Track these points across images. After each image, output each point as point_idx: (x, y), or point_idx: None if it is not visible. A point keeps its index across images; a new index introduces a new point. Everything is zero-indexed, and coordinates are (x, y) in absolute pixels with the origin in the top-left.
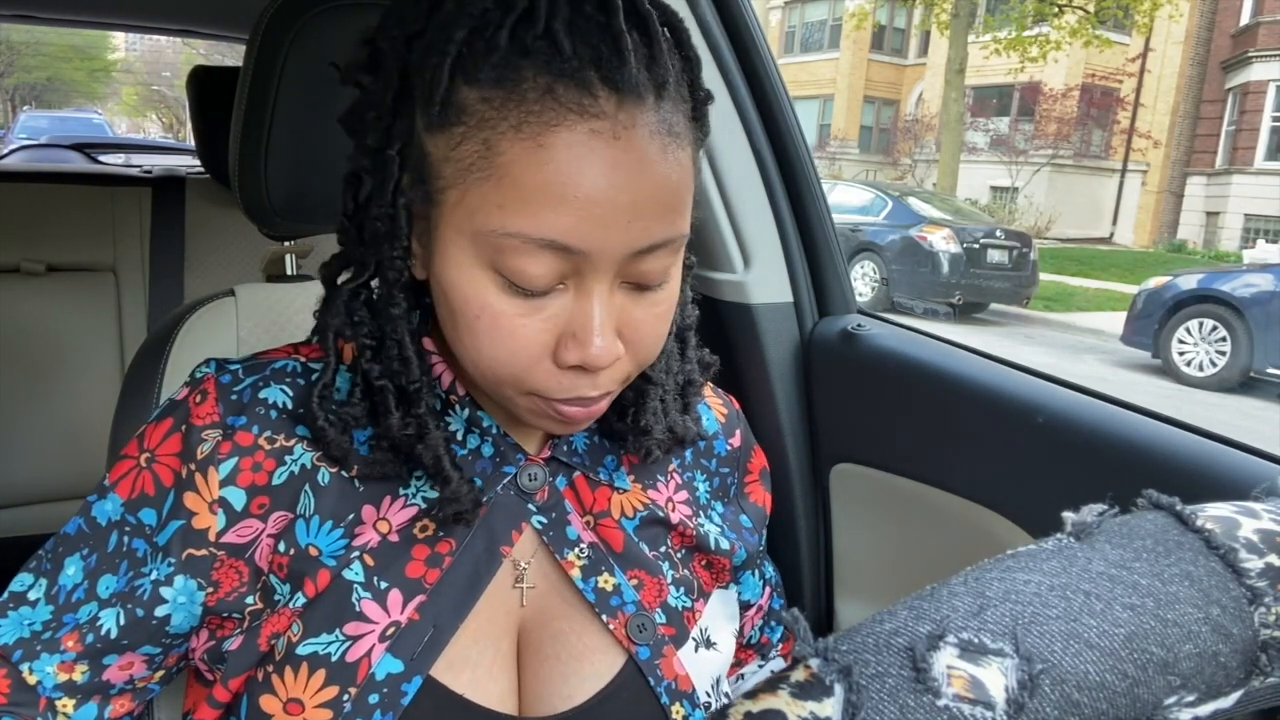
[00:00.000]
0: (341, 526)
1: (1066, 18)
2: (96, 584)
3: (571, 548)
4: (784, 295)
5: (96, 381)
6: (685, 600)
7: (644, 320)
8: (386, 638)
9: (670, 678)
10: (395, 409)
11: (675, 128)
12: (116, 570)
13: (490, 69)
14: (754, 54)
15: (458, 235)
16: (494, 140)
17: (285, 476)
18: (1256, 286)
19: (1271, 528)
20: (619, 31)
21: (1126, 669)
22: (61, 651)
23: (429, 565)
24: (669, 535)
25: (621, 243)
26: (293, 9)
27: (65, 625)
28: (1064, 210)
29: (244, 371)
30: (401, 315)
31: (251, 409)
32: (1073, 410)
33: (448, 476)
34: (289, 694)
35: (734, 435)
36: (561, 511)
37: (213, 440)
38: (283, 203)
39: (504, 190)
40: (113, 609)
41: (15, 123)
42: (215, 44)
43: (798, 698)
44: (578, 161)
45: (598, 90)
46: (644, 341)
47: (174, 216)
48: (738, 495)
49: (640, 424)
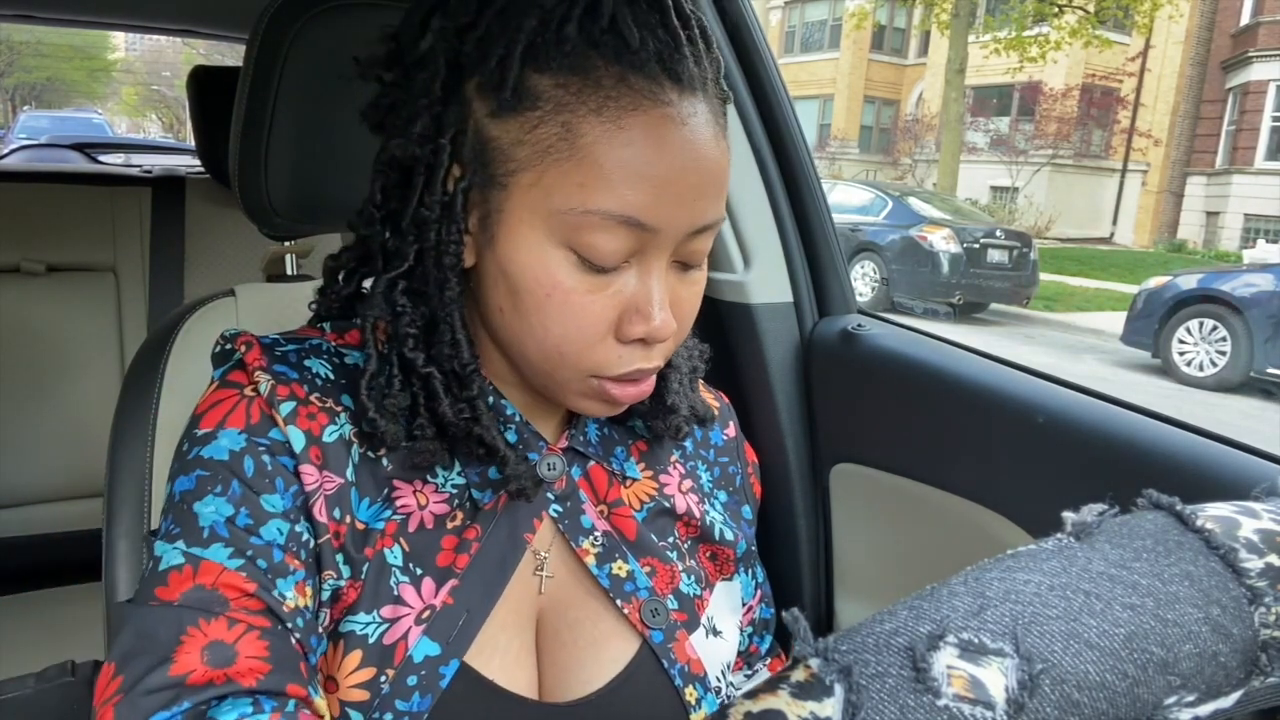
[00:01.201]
0: (379, 502)
1: (1066, 18)
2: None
3: (586, 535)
4: (784, 295)
5: (96, 381)
6: (695, 588)
7: (686, 298)
8: (423, 620)
9: (684, 661)
10: (445, 394)
11: (719, 118)
12: (274, 489)
13: (563, 57)
14: (754, 54)
15: (531, 215)
16: (574, 123)
17: (335, 437)
18: (1256, 286)
19: (1271, 528)
20: (675, 29)
21: (1126, 669)
22: (292, 572)
23: (458, 551)
24: (675, 525)
25: (686, 220)
26: (293, 9)
27: (272, 547)
28: (1064, 210)
29: (285, 339)
30: (455, 299)
31: (301, 369)
32: (1073, 410)
33: (505, 456)
34: (326, 671)
35: (728, 426)
36: (577, 501)
37: (267, 382)
38: (283, 203)
39: (585, 169)
40: (291, 523)
41: (15, 123)
42: (215, 44)
43: (798, 697)
44: (655, 143)
45: (663, 80)
46: (685, 318)
47: (174, 216)
48: (744, 485)
49: (668, 403)
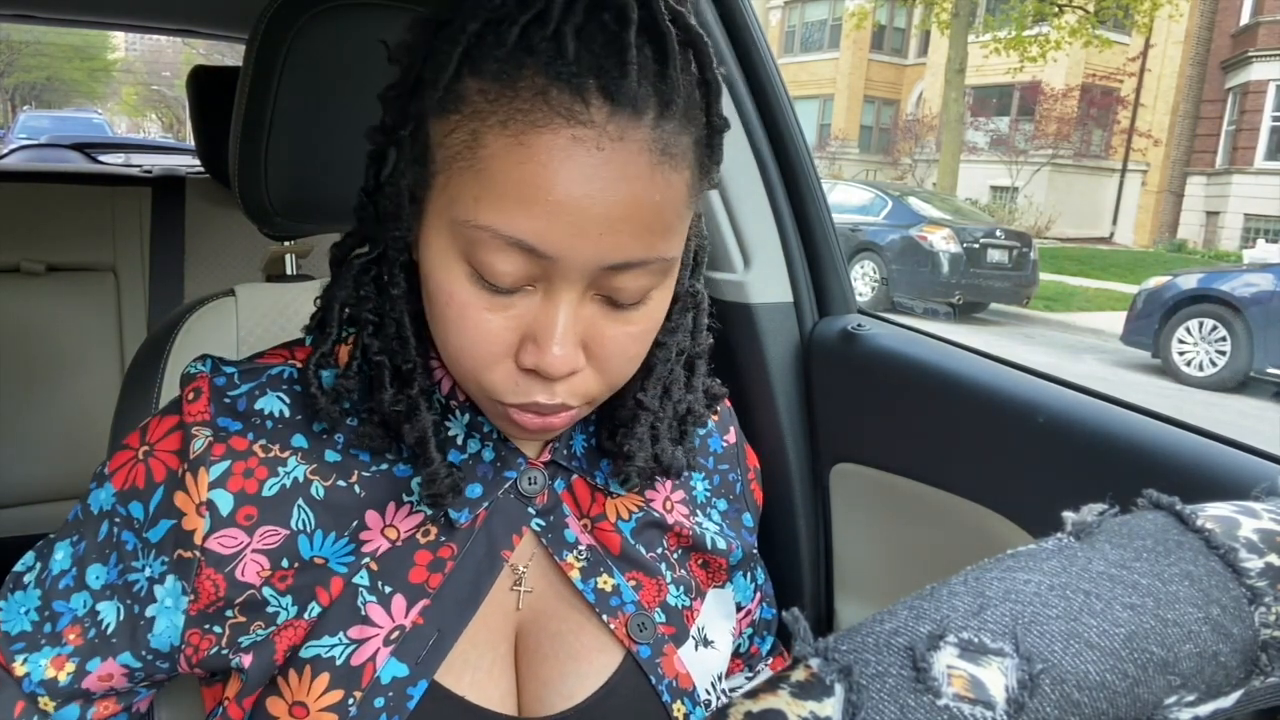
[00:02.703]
0: (345, 536)
1: (1066, 17)
2: (85, 572)
3: (570, 549)
4: (784, 295)
5: (96, 381)
6: (684, 599)
7: (613, 338)
8: (391, 641)
9: (671, 675)
10: (390, 385)
11: (673, 148)
12: (106, 561)
13: (494, 62)
14: (754, 54)
15: (439, 220)
16: (481, 132)
17: (277, 489)
18: (1256, 286)
19: (1271, 527)
20: (627, 44)
21: (1127, 669)
22: (62, 644)
23: (431, 570)
24: (665, 536)
25: (592, 254)
26: (293, 9)
27: (63, 616)
28: (1064, 210)
29: (240, 377)
30: (400, 295)
31: (248, 418)
32: (1073, 410)
33: (430, 457)
34: (294, 697)
35: (728, 432)
36: (560, 514)
37: (204, 439)
38: (283, 203)
39: (481, 183)
40: (110, 602)
41: (15, 122)
42: (215, 44)
43: (798, 697)
44: (555, 166)
45: (592, 99)
46: (612, 360)
47: (174, 216)
48: (744, 493)
49: (624, 448)
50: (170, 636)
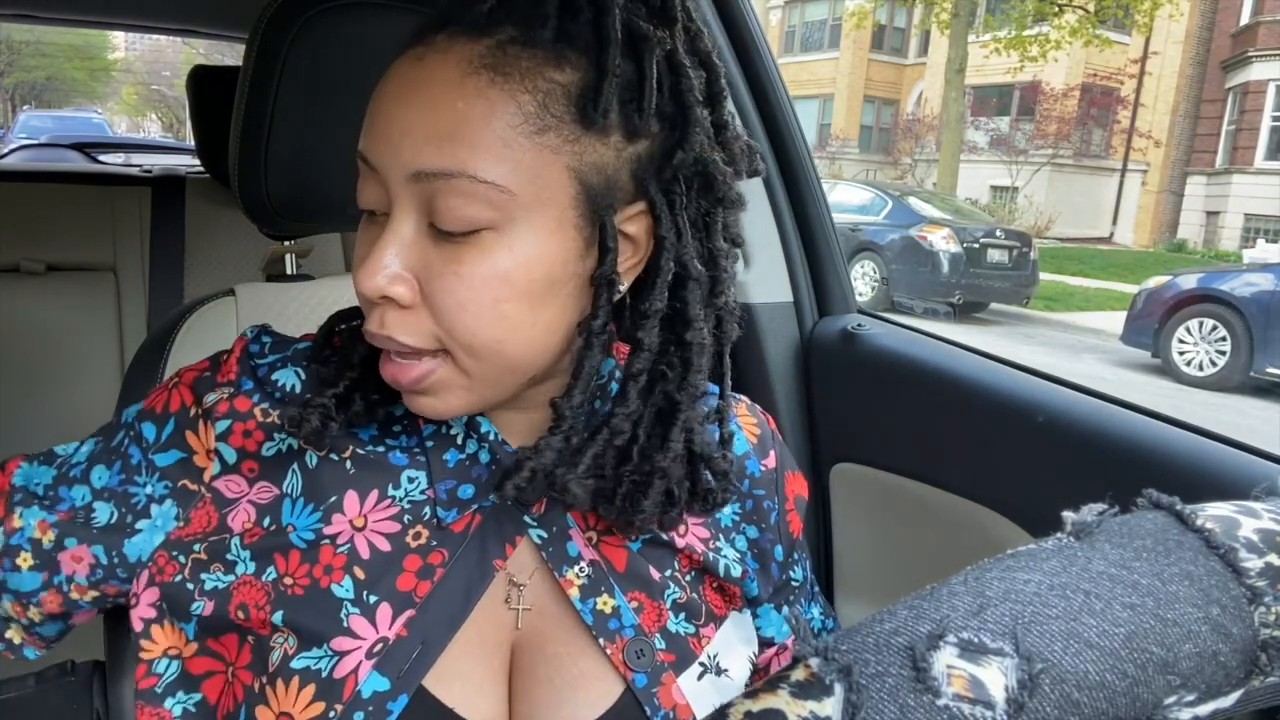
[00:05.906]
0: (320, 510)
1: (1066, 17)
2: (91, 470)
3: (571, 565)
4: (784, 295)
5: (96, 381)
6: (688, 626)
7: (441, 275)
8: (374, 654)
9: (668, 707)
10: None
11: (507, 67)
12: (111, 466)
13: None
14: (754, 54)
15: None
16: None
17: (274, 451)
18: (1256, 286)
19: (1271, 527)
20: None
21: (1126, 668)
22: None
23: (420, 577)
24: (676, 558)
25: (396, 161)
26: (293, 9)
27: (63, 502)
28: (1064, 210)
29: (271, 348)
30: None
31: (262, 385)
32: (1073, 410)
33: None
34: (280, 707)
35: (767, 456)
36: (562, 526)
37: (218, 395)
38: (282, 202)
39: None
40: (107, 504)
41: (15, 122)
42: (215, 44)
43: (798, 697)
44: (384, 80)
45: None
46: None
47: (174, 216)
48: (779, 523)
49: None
50: (143, 549)
